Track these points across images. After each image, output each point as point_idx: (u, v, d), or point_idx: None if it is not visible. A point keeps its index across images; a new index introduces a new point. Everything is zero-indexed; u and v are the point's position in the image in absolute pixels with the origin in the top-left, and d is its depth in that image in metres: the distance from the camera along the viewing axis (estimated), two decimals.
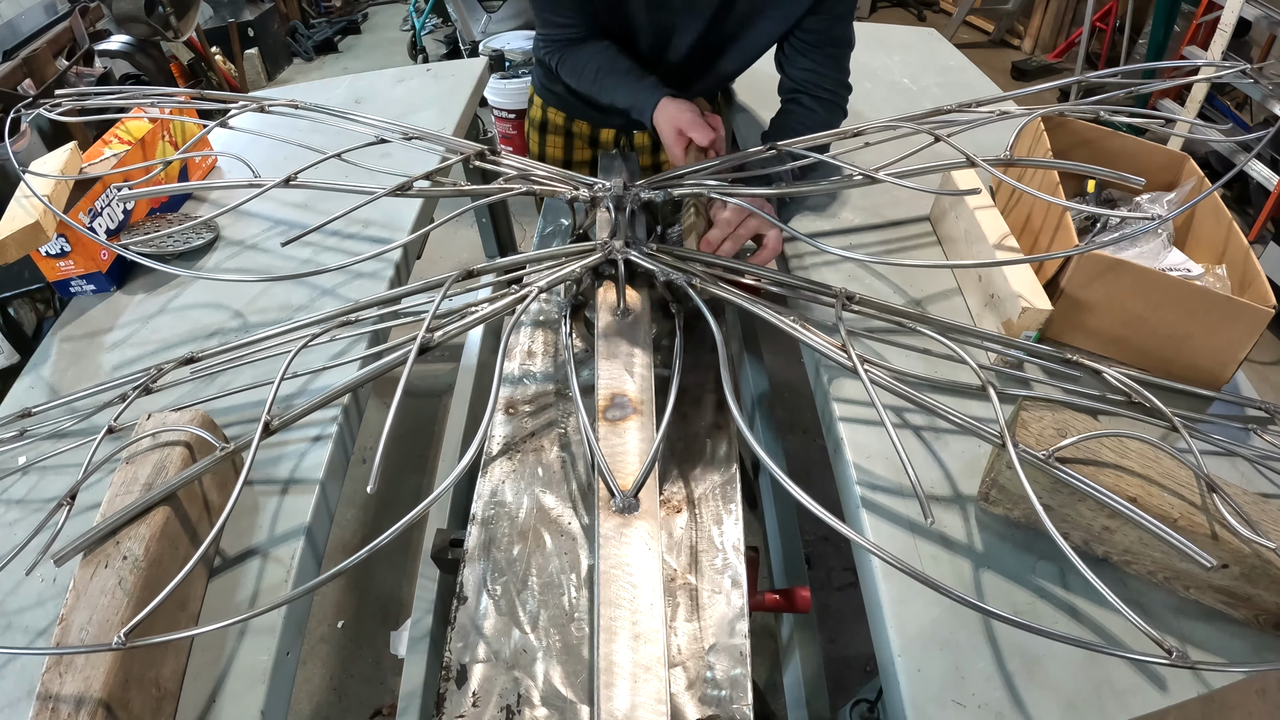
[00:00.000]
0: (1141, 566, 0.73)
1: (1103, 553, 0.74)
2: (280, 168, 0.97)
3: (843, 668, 1.70)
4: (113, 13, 2.71)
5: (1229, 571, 0.67)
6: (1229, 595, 0.70)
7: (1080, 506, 0.71)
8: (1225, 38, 2.81)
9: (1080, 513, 0.72)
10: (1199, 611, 0.72)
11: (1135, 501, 0.67)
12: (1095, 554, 0.75)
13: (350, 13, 5.35)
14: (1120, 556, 0.73)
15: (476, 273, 0.90)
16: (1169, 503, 0.68)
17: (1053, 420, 0.73)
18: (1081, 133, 1.15)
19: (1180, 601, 0.73)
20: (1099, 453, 0.71)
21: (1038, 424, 0.73)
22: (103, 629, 0.62)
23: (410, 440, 2.25)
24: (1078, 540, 0.74)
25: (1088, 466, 0.69)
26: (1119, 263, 0.91)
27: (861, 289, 1.06)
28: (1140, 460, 0.71)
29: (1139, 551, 0.71)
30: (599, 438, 0.73)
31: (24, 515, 0.84)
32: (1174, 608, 0.73)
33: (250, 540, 0.79)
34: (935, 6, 5.15)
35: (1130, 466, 0.70)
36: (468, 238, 2.61)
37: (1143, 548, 0.71)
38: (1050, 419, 0.73)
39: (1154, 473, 0.69)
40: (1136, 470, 0.70)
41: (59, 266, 1.10)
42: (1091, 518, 0.71)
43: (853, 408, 0.91)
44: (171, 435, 0.76)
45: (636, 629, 0.63)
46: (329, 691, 1.72)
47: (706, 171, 1.03)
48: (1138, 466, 0.70)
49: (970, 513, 0.80)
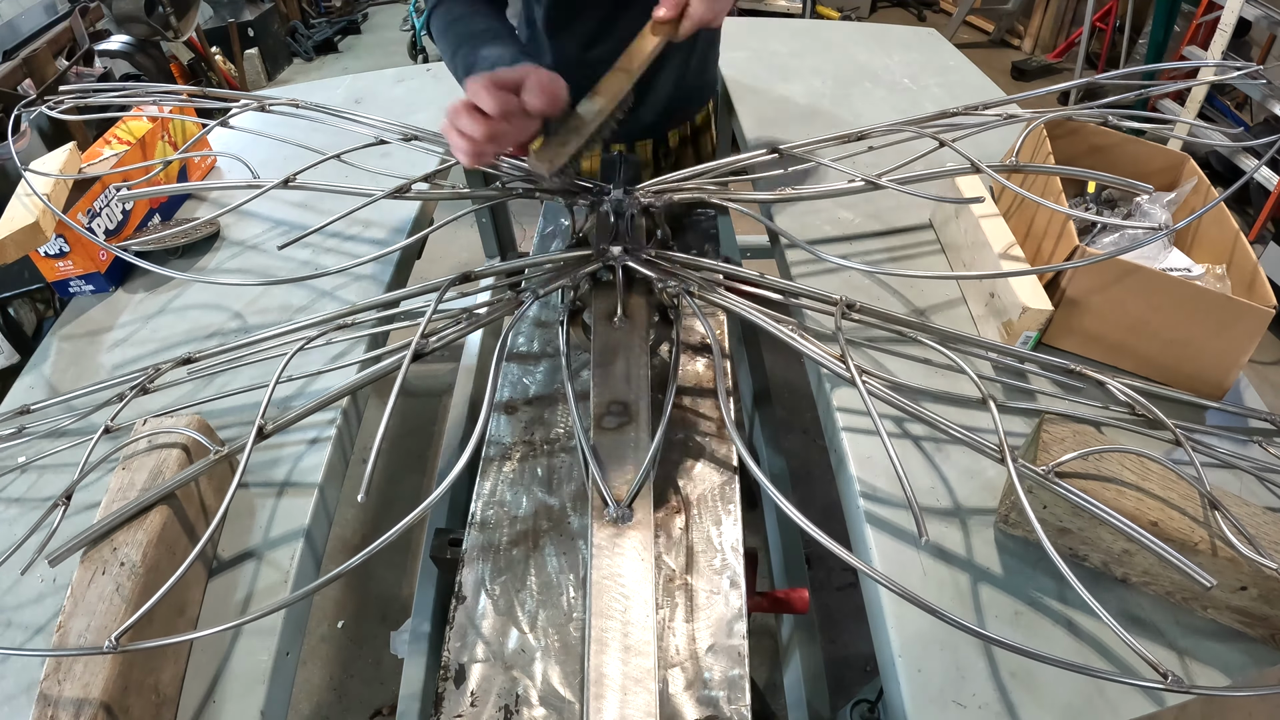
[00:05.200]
0: (1160, 587, 0.72)
1: (1122, 574, 0.73)
2: (280, 167, 0.97)
3: (843, 668, 1.70)
4: (113, 13, 2.71)
5: (1247, 593, 0.67)
6: (1246, 615, 0.69)
7: (1100, 529, 0.70)
8: (1225, 38, 2.81)
9: (1101, 535, 0.71)
10: (1213, 630, 0.72)
11: (1156, 525, 0.66)
12: (1115, 575, 0.74)
13: (350, 13, 5.35)
14: (1140, 578, 0.72)
15: (474, 276, 0.90)
16: (1190, 526, 0.67)
17: (1075, 442, 0.71)
18: (1081, 133, 1.15)
19: (1194, 618, 0.72)
20: (1120, 473, 0.69)
21: (1059, 446, 0.70)
22: (100, 635, 0.62)
23: (410, 440, 2.25)
24: (1097, 562, 0.74)
25: (1109, 489, 0.68)
26: (1119, 263, 0.91)
27: (863, 294, 1.05)
28: (1161, 482, 0.69)
29: (1158, 573, 0.71)
30: (595, 446, 0.72)
31: (23, 513, 0.84)
32: (1189, 625, 0.72)
33: (248, 543, 0.79)
34: (935, 6, 5.15)
35: (1151, 488, 0.68)
36: (468, 237, 2.61)
37: (1161, 569, 0.70)
38: (1073, 440, 0.71)
39: (1175, 495, 0.68)
40: (1157, 492, 0.68)
41: (58, 267, 1.10)
42: (1112, 540, 0.70)
43: (856, 418, 0.89)
44: (168, 439, 0.76)
45: (628, 640, 0.62)
46: (329, 691, 1.72)
47: (708, 175, 1.02)
48: (1158, 488, 0.69)
49: (972, 525, 0.79)
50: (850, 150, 1.04)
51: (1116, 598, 0.73)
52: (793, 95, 1.60)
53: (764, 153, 1.03)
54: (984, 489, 0.82)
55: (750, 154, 1.04)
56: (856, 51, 1.81)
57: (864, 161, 0.97)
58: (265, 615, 0.60)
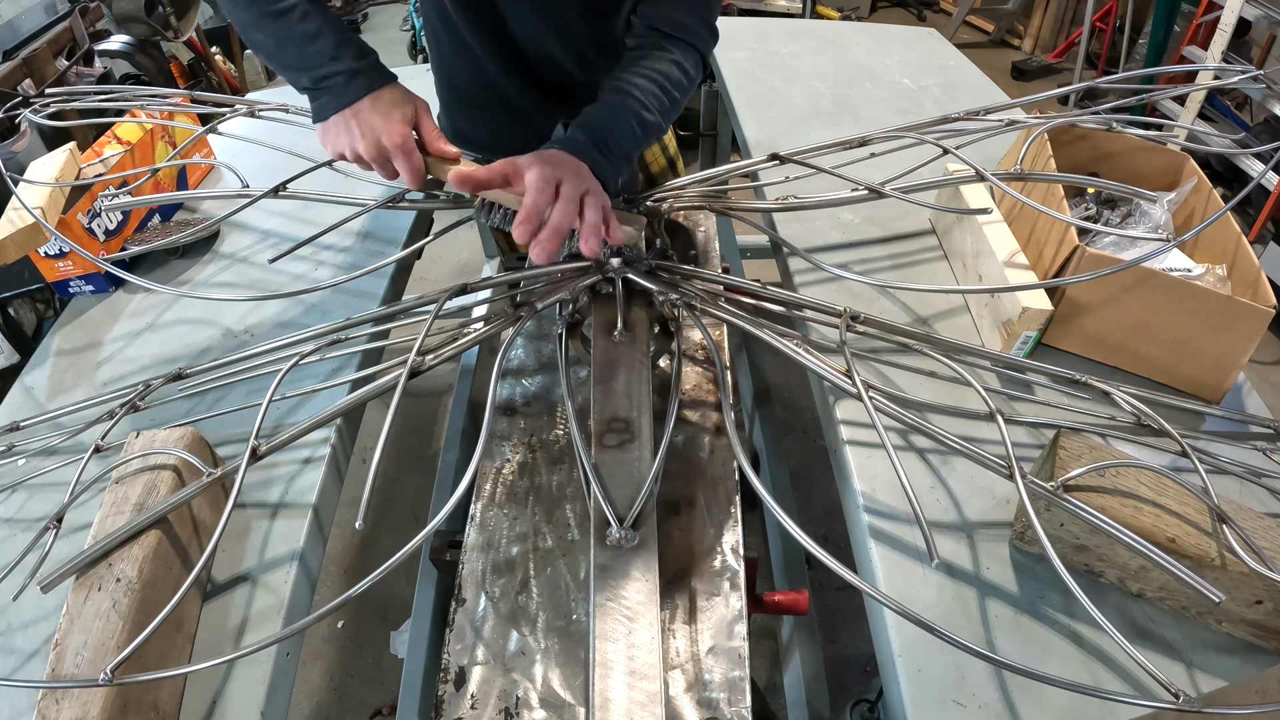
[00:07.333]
0: (1176, 602, 0.72)
1: (1138, 589, 0.73)
2: (277, 172, 0.97)
3: (843, 668, 1.70)
4: (113, 13, 2.71)
5: (1263, 607, 0.67)
6: (1261, 629, 0.69)
7: (1117, 545, 0.69)
8: (1225, 38, 2.81)
9: (1118, 551, 0.70)
10: (1226, 644, 0.71)
11: (1174, 541, 0.66)
12: (1131, 591, 0.73)
13: (350, 13, 5.34)
14: (1155, 593, 0.72)
15: (471, 288, 0.88)
16: (1207, 541, 0.66)
17: (1091, 458, 0.70)
18: (1083, 136, 1.15)
19: (1207, 632, 0.72)
20: (1136, 489, 0.69)
21: (1076, 463, 0.70)
22: (98, 654, 0.60)
23: (410, 440, 2.25)
24: (1113, 578, 0.73)
25: (1126, 505, 0.67)
26: (1119, 263, 0.91)
27: (865, 300, 1.05)
28: (1178, 497, 0.69)
29: (1173, 588, 0.71)
30: (595, 463, 0.71)
31: (13, 533, 0.83)
32: (1201, 640, 0.72)
33: (243, 558, 0.78)
34: (935, 6, 5.14)
35: (1168, 504, 0.68)
36: (468, 237, 2.60)
37: (1177, 584, 0.70)
38: (1089, 456, 0.71)
39: (1191, 510, 0.68)
40: (1174, 508, 0.68)
41: (58, 267, 1.10)
42: (1129, 556, 0.70)
43: (859, 430, 0.88)
44: (161, 455, 0.74)
45: (633, 665, 0.60)
46: (329, 691, 1.72)
47: (708, 182, 1.01)
48: (1175, 503, 0.68)
49: (978, 539, 0.78)
50: (853, 156, 1.03)
51: (1130, 612, 0.73)
52: (793, 95, 1.60)
53: (765, 159, 1.02)
54: (989, 500, 0.82)
55: (751, 161, 1.04)
56: (856, 51, 1.81)
57: (866, 167, 0.96)
58: (260, 649, 0.60)
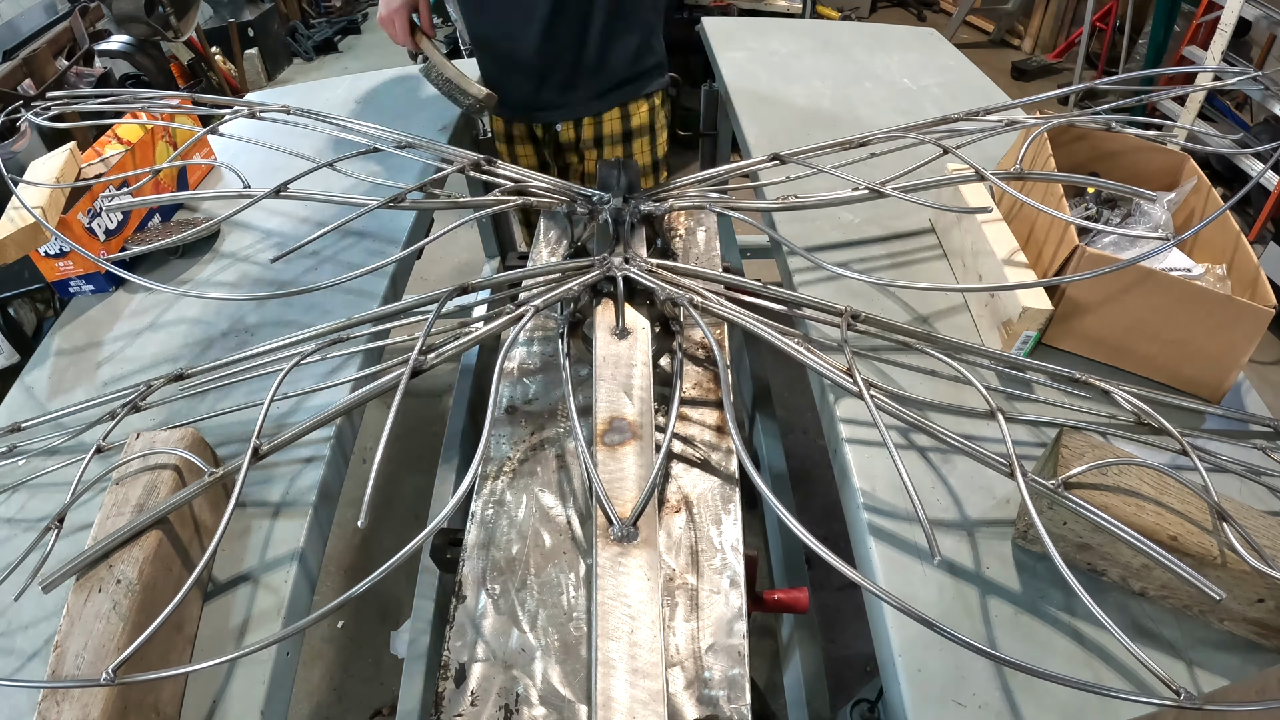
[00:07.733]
0: (1178, 601, 0.72)
1: (1140, 588, 0.73)
2: (277, 172, 0.97)
3: (843, 668, 1.70)
4: (113, 13, 2.71)
5: (1264, 605, 0.67)
6: (1263, 627, 0.69)
7: (1120, 544, 0.69)
8: (1225, 38, 2.81)
9: (1120, 550, 0.70)
10: (1227, 642, 0.72)
11: (1177, 540, 0.66)
12: (1134, 589, 0.74)
13: (350, 13, 5.35)
14: (1158, 591, 0.72)
15: (471, 288, 0.88)
16: (1209, 540, 0.67)
17: (1094, 456, 0.70)
18: (1083, 136, 1.15)
19: (1208, 630, 0.72)
20: (1139, 487, 0.69)
21: (1078, 461, 0.70)
22: (98, 655, 0.60)
23: (410, 440, 2.25)
24: (1115, 576, 0.74)
25: (1129, 504, 0.67)
26: (1118, 262, 0.91)
27: (864, 298, 1.05)
28: (1180, 495, 0.69)
29: (1176, 587, 0.71)
30: (597, 462, 0.71)
31: (15, 534, 0.83)
32: (1202, 638, 0.72)
33: (244, 557, 0.78)
34: (935, 6, 5.15)
35: (1170, 502, 0.68)
36: (468, 237, 2.61)
37: (1179, 583, 0.70)
38: (1092, 455, 0.71)
39: (1193, 508, 0.68)
40: (1176, 506, 0.68)
41: (58, 267, 1.10)
42: (1131, 555, 0.70)
43: (859, 429, 0.88)
44: (161, 456, 0.74)
45: (635, 663, 0.61)
46: (329, 691, 1.72)
47: (708, 182, 1.01)
48: (1177, 501, 0.68)
49: (979, 536, 0.78)
50: (853, 156, 1.03)
51: (1131, 610, 0.73)
52: (793, 95, 1.60)
53: (765, 159, 1.02)
54: (989, 498, 0.82)
55: (751, 161, 1.04)
56: (856, 52, 1.81)
57: (866, 167, 0.96)
58: (260, 649, 0.60)
